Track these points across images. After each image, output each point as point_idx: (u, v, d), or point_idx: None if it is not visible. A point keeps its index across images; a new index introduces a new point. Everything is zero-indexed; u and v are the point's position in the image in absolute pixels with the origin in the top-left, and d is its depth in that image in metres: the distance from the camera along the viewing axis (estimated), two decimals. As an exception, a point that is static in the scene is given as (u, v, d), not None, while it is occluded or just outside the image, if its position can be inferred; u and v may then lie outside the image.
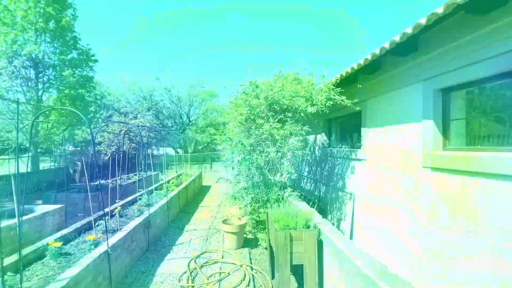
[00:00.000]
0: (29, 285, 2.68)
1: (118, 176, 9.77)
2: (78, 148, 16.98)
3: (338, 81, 4.55)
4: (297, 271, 3.81)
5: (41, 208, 5.46)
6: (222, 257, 4.64)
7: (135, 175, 11.68)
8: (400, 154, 3.54)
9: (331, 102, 4.50)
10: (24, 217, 4.72)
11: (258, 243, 5.16)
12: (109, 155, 13.31)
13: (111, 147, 13.44)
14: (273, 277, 3.88)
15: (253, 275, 3.99)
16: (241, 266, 4.25)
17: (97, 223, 4.30)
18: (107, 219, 4.15)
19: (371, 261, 2.39)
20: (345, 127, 5.82)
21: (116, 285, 3.62)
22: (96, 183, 9.52)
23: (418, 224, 3.12)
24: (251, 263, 4.40)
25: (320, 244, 3.30)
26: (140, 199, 6.26)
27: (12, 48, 11.12)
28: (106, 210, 5.15)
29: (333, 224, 4.67)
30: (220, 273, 4.07)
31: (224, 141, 5.17)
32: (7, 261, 2.94)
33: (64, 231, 4.00)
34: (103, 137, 13.78)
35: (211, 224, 6.70)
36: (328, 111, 4.62)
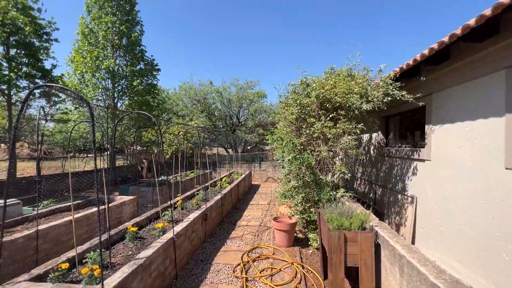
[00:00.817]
0: (115, 260, 3.21)
1: (178, 173, 10.78)
2: (144, 148, 19.25)
3: (397, 75, 4.23)
4: (350, 274, 3.67)
5: (119, 199, 6.41)
6: (273, 254, 4.75)
7: (192, 172, 12.69)
8: (474, 154, 3.12)
9: (389, 98, 4.21)
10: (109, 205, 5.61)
11: (309, 243, 5.12)
12: (169, 154, 14.78)
13: (171, 146, 14.84)
14: (325, 278, 3.82)
15: (304, 274, 3.99)
16: (292, 263, 4.29)
17: (163, 213, 4.86)
18: (171, 211, 4.65)
19: (439, 270, 2.18)
20: (405, 124, 5.35)
21: (180, 269, 4.04)
22: (159, 178, 10.71)
23: (501, 233, 2.71)
24: (302, 262, 4.41)
25: (377, 247, 3.13)
26: (197, 194, 6.80)
27: (95, 63, 13.24)
28: (169, 202, 5.77)
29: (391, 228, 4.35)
30: (271, 268, 4.19)
31: (274, 140, 5.28)
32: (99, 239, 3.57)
33: (137, 219, 4.63)
34: (164, 138, 15.34)
35: (261, 221, 6.88)
36: (385, 108, 4.32)
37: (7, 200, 4.87)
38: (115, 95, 14.78)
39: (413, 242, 4.39)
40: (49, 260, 3.11)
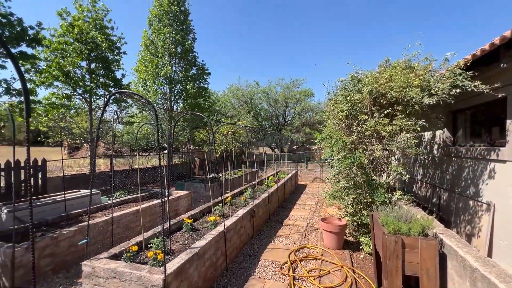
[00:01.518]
0: (174, 247, 3.55)
1: (226, 171, 11.28)
2: (197, 147, 20.65)
3: (468, 63, 3.71)
4: (409, 283, 3.36)
5: (176, 193, 7.03)
6: (321, 255, 4.63)
7: (239, 171, 13.14)
8: None
9: (458, 90, 3.71)
10: (167, 199, 6.22)
11: (361, 247, 4.84)
12: (219, 153, 15.58)
13: (220, 146, 15.61)
14: (379, 285, 3.58)
15: (355, 279, 3.80)
16: (341, 267, 4.13)
17: (214, 208, 5.17)
18: (222, 206, 4.92)
19: (524, 288, 1.86)
20: (478, 120, 4.65)
21: (230, 261, 4.25)
22: (210, 176, 11.39)
23: None
24: (352, 266, 4.20)
25: (441, 257, 2.80)
26: (245, 191, 7.04)
27: (155, 71, 14.73)
28: (220, 198, 6.09)
29: (460, 238, 3.82)
30: (319, 269, 4.09)
31: (323, 139, 5.13)
32: (161, 227, 3.99)
33: (192, 212, 5.03)
34: (213, 138, 16.20)
35: (308, 222, 6.76)
36: (452, 102, 3.83)
37: (91, 190, 5.80)
38: (172, 99, 16.21)
39: (489, 256, 3.79)
40: (121, 243, 3.61)
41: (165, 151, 16.48)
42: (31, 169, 7.18)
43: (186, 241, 3.80)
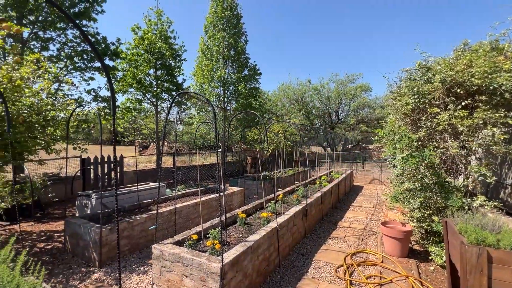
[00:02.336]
0: (229, 240, 3.72)
1: (277, 169, 11.31)
2: (248, 146, 21.26)
3: None
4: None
5: (230, 189, 7.36)
6: (382, 262, 4.25)
7: (290, 169, 13.03)
8: None
9: None
10: (222, 194, 6.57)
11: (430, 257, 4.27)
12: (270, 151, 15.74)
13: (271, 145, 15.74)
14: (455, 303, 3.10)
15: (424, 292, 3.37)
16: (406, 277, 3.71)
17: (267, 205, 5.24)
18: (274, 203, 4.95)
19: None
20: None
21: (282, 258, 4.25)
22: (261, 174, 11.60)
23: None
24: (420, 278, 3.74)
25: (546, 279, 2.27)
26: (297, 190, 6.93)
27: (210, 75, 15.69)
28: (272, 195, 6.14)
29: None
30: (380, 277, 3.76)
31: (385, 135, 4.69)
32: (217, 220, 4.24)
33: (245, 207, 5.19)
34: (265, 137, 16.40)
35: (366, 225, 6.29)
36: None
37: (155, 184, 6.53)
38: (225, 100, 17.04)
39: None
40: (182, 231, 3.95)
41: (220, 150, 17.44)
42: (114, 164, 8.46)
43: (240, 235, 3.94)
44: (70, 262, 4.00)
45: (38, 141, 4.52)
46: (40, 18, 8.75)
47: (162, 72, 12.94)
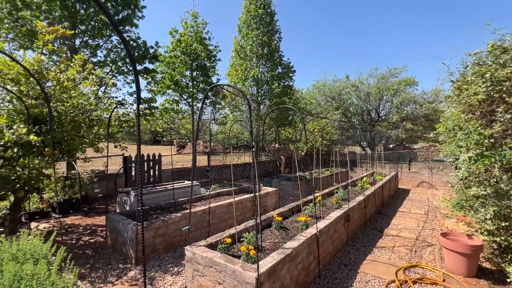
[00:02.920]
0: (264, 244, 3.45)
1: (313, 170, 10.77)
2: (282, 145, 20.85)
3: None
4: None
5: (264, 189, 7.12)
6: (443, 280, 3.61)
7: (327, 170, 12.35)
8: None
9: None
10: (256, 194, 6.36)
11: (509, 280, 3.51)
12: (305, 151, 15.17)
13: (306, 144, 15.17)
14: None
15: (506, 325, 2.72)
16: (479, 303, 3.06)
17: (304, 208, 4.86)
18: (313, 206, 4.56)
19: None
20: None
21: (323, 268, 3.85)
22: (296, 174, 11.16)
23: None
24: (497, 305, 3.06)
25: None
26: (336, 192, 6.42)
27: (244, 74, 15.66)
28: (309, 197, 5.74)
29: None
30: (443, 300, 3.17)
31: (448, 131, 3.98)
32: (251, 222, 4.00)
33: (281, 209, 4.88)
34: (299, 136, 15.86)
35: (418, 235, 5.54)
36: None
37: (192, 182, 6.55)
38: (259, 100, 16.87)
39: None
40: (216, 232, 3.79)
41: (253, 149, 17.37)
42: (150, 162, 8.80)
43: (276, 239, 3.65)
44: (110, 257, 4.11)
45: (85, 139, 4.75)
46: (89, 27, 9.49)
47: (197, 73, 13.23)
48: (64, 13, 8.40)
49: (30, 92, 3.79)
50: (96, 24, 9.46)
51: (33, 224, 5.24)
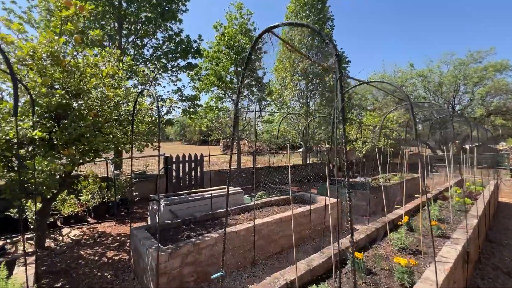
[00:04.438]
0: None
1: (374, 174, 8.84)
2: (337, 145, 18.75)
3: None
4: None
5: (321, 199, 5.69)
6: None
7: (395, 175, 10.17)
8: None
9: None
10: (313, 206, 4.97)
11: None
12: (363, 152, 13.03)
13: (366, 143, 13.03)
14: None
15: None
16: None
17: (390, 234, 3.33)
18: (403, 234, 3.02)
19: None
20: None
21: None
22: (357, 180, 9.33)
23: None
24: None
25: None
26: (423, 209, 4.63)
27: (292, 67, 14.26)
28: (391, 216, 4.15)
29: None
30: None
31: None
32: (316, 260, 2.68)
33: (356, 237, 3.41)
34: (358, 134, 13.77)
35: None
36: None
37: (233, 188, 5.48)
38: (308, 95, 15.27)
39: None
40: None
41: (300, 150, 15.83)
42: (192, 163, 8.10)
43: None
44: (129, 286, 3.24)
45: (111, 137, 4.04)
46: (133, 27, 9.30)
47: (242, 68, 12.37)
48: (107, 8, 8.26)
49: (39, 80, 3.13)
50: (139, 19, 9.20)
51: (65, 231, 4.81)
